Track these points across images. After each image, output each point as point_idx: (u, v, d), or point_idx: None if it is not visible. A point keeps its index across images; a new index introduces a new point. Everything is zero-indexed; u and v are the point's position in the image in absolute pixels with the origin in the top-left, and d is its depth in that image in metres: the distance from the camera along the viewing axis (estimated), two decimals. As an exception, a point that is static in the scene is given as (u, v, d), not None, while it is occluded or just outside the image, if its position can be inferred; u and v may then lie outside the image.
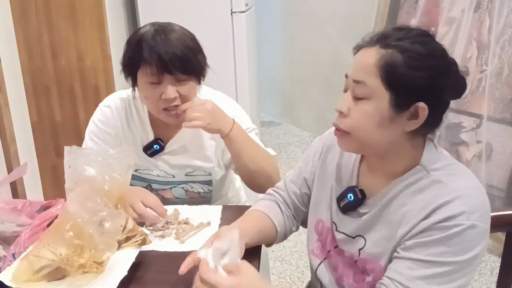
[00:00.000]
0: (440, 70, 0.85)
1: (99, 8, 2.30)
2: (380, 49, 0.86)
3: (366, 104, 0.87)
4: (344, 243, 1.01)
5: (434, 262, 0.83)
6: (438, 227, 0.84)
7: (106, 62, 2.37)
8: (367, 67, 0.86)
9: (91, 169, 1.07)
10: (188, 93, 1.28)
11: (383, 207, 0.94)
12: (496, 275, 1.12)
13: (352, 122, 0.89)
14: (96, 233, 0.95)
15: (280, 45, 4.12)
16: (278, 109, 4.32)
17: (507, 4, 2.24)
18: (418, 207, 0.87)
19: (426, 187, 0.88)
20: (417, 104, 0.85)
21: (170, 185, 1.43)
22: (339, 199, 1.02)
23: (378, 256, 0.93)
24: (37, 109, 2.40)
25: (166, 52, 1.20)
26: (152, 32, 1.24)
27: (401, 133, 0.88)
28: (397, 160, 0.92)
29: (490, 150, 2.39)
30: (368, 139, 0.89)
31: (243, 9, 2.77)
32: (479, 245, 0.84)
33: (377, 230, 0.94)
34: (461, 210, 0.83)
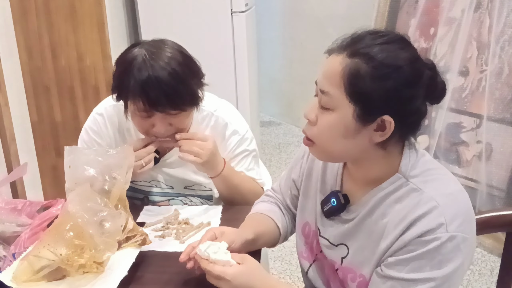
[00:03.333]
0: (407, 81, 0.81)
1: (99, 8, 2.30)
2: (346, 58, 0.82)
3: (330, 114, 0.84)
4: (327, 250, 0.99)
5: (416, 280, 0.81)
6: (417, 242, 0.81)
7: (106, 62, 2.37)
8: (332, 77, 0.83)
9: (91, 169, 1.07)
10: (182, 123, 1.24)
11: (366, 215, 0.91)
12: (496, 275, 1.12)
13: (317, 132, 0.88)
14: (96, 233, 0.95)
15: (280, 45, 4.12)
16: (278, 109, 4.31)
17: (507, 4, 2.23)
18: (397, 218, 0.85)
19: (405, 196, 0.86)
20: (383, 117, 0.81)
21: (168, 196, 1.41)
22: (323, 203, 1.00)
23: (359, 266, 0.92)
24: (37, 109, 2.40)
25: (154, 90, 1.11)
26: (140, 62, 1.13)
27: (368, 143, 0.85)
28: (373, 167, 0.90)
29: (490, 150, 2.39)
30: (332, 149, 0.88)
31: (243, 9, 2.76)
32: (460, 255, 0.81)
33: (359, 239, 0.92)
34: (439, 222, 0.80)
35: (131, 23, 2.97)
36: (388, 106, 0.81)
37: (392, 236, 0.85)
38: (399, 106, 0.81)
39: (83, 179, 1.05)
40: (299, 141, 3.85)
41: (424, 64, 0.84)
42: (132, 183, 1.36)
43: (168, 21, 2.73)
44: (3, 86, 2.05)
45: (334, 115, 0.84)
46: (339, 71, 0.82)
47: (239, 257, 0.92)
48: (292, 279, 2.26)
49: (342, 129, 0.84)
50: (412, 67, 0.81)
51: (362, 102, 0.81)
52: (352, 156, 0.89)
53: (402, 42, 0.84)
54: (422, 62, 0.84)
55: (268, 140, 3.89)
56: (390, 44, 0.82)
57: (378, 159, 0.88)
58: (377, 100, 0.80)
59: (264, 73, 3.98)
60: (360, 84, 0.80)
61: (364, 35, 0.84)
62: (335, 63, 0.83)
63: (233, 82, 2.83)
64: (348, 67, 0.81)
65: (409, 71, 0.81)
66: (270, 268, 2.30)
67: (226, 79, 2.77)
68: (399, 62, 0.80)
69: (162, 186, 1.40)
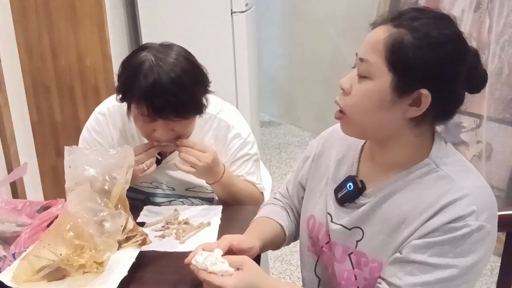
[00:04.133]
0: (451, 57, 0.80)
1: (99, 8, 2.30)
2: (391, 27, 0.82)
3: (367, 83, 0.83)
4: (339, 235, 0.96)
5: (438, 265, 0.80)
6: (446, 228, 0.80)
7: (106, 62, 2.37)
8: (374, 45, 0.82)
9: (91, 169, 1.07)
10: (184, 129, 1.24)
11: (383, 198, 0.89)
12: (496, 275, 1.12)
13: (351, 101, 0.85)
14: (96, 233, 0.95)
15: (280, 45, 4.12)
16: (278, 109, 4.31)
17: (507, 4, 2.24)
18: (423, 204, 0.83)
19: (433, 183, 0.84)
20: (420, 91, 0.80)
21: (169, 198, 1.41)
22: (336, 190, 0.98)
23: (374, 251, 0.90)
24: (37, 109, 2.40)
25: (157, 97, 1.11)
26: (147, 68, 1.13)
27: (401, 119, 0.83)
28: (400, 150, 0.88)
29: (490, 150, 2.39)
30: (364, 121, 0.85)
31: (243, 9, 2.76)
32: (484, 248, 0.81)
33: (375, 223, 0.90)
34: (471, 209, 0.79)
35: (131, 23, 2.97)
36: (427, 80, 0.80)
37: (416, 222, 0.83)
38: (437, 82, 0.80)
39: (83, 179, 1.05)
40: (299, 141, 3.86)
41: (468, 47, 0.83)
42: (134, 184, 1.37)
43: (168, 21, 2.73)
44: (3, 86, 2.05)
45: (371, 83, 0.83)
46: (382, 38, 0.81)
47: (237, 260, 0.89)
48: (292, 279, 2.26)
49: (378, 99, 0.82)
50: (456, 45, 0.81)
51: (401, 71, 0.80)
52: (383, 132, 0.86)
53: (447, 20, 0.84)
54: (467, 45, 0.83)
55: (268, 140, 3.89)
56: (436, 19, 0.82)
57: (408, 141, 0.87)
58: (417, 71, 0.79)
59: (264, 73, 3.98)
60: (402, 53, 0.79)
61: (409, 9, 0.85)
62: (379, 32, 0.83)
63: (233, 82, 2.83)
64: (393, 35, 0.80)
65: (452, 48, 0.80)
66: (270, 268, 2.30)
67: (226, 79, 2.77)
68: (443, 37, 0.80)
69: (163, 188, 1.40)
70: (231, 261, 0.89)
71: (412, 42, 0.79)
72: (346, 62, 3.58)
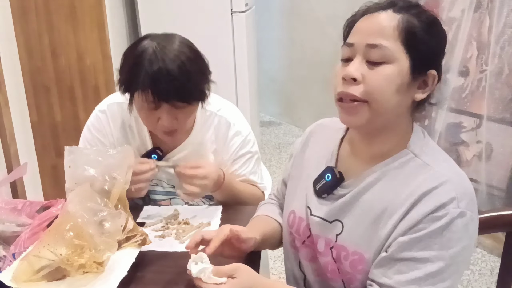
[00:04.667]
0: (445, 38, 0.87)
1: (99, 8, 2.30)
2: (395, 13, 0.84)
3: (387, 68, 0.82)
4: (319, 228, 0.96)
5: (425, 259, 0.80)
6: (429, 218, 0.80)
7: (106, 62, 2.37)
8: (385, 30, 0.83)
9: (91, 169, 1.07)
10: (187, 118, 1.24)
11: (363, 190, 0.90)
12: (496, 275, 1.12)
13: (369, 88, 0.83)
14: (96, 233, 0.95)
15: (280, 45, 4.12)
16: (278, 109, 4.32)
17: (507, 4, 2.24)
18: (403, 193, 0.84)
19: (413, 171, 0.85)
20: (430, 72, 0.85)
21: (169, 195, 1.41)
22: (315, 182, 0.98)
23: (354, 243, 0.89)
24: (37, 109, 2.40)
25: (163, 82, 1.13)
26: (150, 55, 1.14)
27: (409, 103, 0.86)
28: (388, 139, 0.89)
29: (490, 150, 2.40)
30: (385, 106, 0.84)
31: (243, 9, 2.77)
32: (468, 236, 0.81)
33: (356, 214, 0.90)
34: (451, 196, 0.80)
35: (131, 23, 2.97)
36: (435, 61, 0.86)
37: (398, 213, 0.83)
38: (439, 62, 0.86)
39: (83, 179, 1.05)
40: (299, 141, 3.86)
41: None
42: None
43: (168, 21, 2.73)
44: (3, 86, 2.05)
45: (392, 67, 0.83)
46: (394, 24, 0.83)
47: (229, 269, 0.88)
48: (292, 279, 2.26)
49: (399, 82, 0.83)
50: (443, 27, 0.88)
51: (417, 54, 0.83)
52: (393, 118, 0.87)
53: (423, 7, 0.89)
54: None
55: (268, 140, 3.89)
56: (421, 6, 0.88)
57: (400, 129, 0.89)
58: (429, 53, 0.84)
59: (264, 73, 3.98)
60: (416, 36, 0.83)
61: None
62: (383, 18, 0.84)
63: (233, 82, 2.83)
64: (403, 20, 0.83)
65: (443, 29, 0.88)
66: (270, 268, 2.30)
67: (226, 79, 2.77)
68: (438, 20, 0.87)
69: (164, 185, 1.40)
70: (223, 271, 0.88)
71: (421, 26, 0.83)
72: (346, 62, 3.58)
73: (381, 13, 0.85)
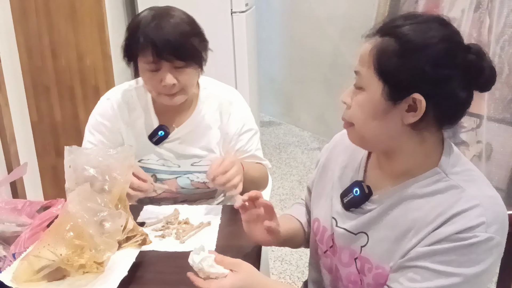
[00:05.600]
0: (436, 60, 0.79)
1: (99, 8, 2.30)
2: (378, 37, 0.84)
3: (361, 94, 0.85)
4: (344, 239, 0.97)
5: (440, 272, 0.79)
6: (454, 238, 0.79)
7: (106, 62, 2.37)
8: (363, 57, 0.85)
9: (91, 169, 1.07)
10: (187, 80, 1.29)
11: (391, 206, 0.89)
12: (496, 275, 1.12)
13: (351, 113, 0.88)
14: (97, 233, 0.95)
15: (280, 45, 4.12)
16: (278, 109, 4.31)
17: (507, 4, 2.24)
18: (432, 213, 0.82)
19: (443, 192, 0.83)
20: (413, 96, 0.80)
21: (175, 174, 1.43)
22: (342, 195, 0.98)
23: (378, 257, 0.90)
24: (37, 109, 2.40)
25: (160, 40, 1.20)
26: (149, 19, 1.24)
27: (401, 126, 0.83)
28: (406, 158, 0.87)
29: (490, 150, 2.39)
30: (365, 131, 0.87)
31: (243, 9, 2.77)
32: (490, 258, 0.79)
33: (381, 229, 0.90)
34: (481, 220, 0.78)
35: (131, 23, 2.97)
36: (417, 85, 0.80)
37: (425, 231, 0.82)
38: (429, 87, 0.80)
39: (83, 179, 1.05)
40: (299, 141, 3.86)
41: (463, 47, 0.82)
42: (140, 162, 1.41)
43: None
44: (3, 86, 2.05)
45: (365, 94, 0.85)
46: (369, 50, 0.83)
47: (232, 263, 0.89)
48: (292, 279, 2.26)
49: (372, 108, 0.84)
50: (444, 47, 0.80)
51: (389, 79, 0.81)
52: (385, 141, 0.87)
53: (436, 22, 0.83)
54: (459, 44, 0.82)
55: (268, 140, 3.89)
56: (422, 24, 0.82)
57: (413, 149, 0.86)
58: (404, 78, 0.80)
59: (264, 73, 3.98)
60: (388, 61, 0.81)
61: (398, 17, 0.85)
62: (367, 44, 0.85)
63: (233, 82, 2.83)
64: (377, 45, 0.82)
65: (439, 50, 0.79)
66: (270, 268, 2.30)
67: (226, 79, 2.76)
68: (428, 40, 0.80)
69: (169, 165, 1.42)
70: (226, 263, 0.88)
71: (396, 49, 0.80)
72: (346, 62, 3.58)
73: (369, 39, 0.85)
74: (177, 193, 1.43)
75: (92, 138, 1.40)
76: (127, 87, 1.42)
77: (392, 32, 0.82)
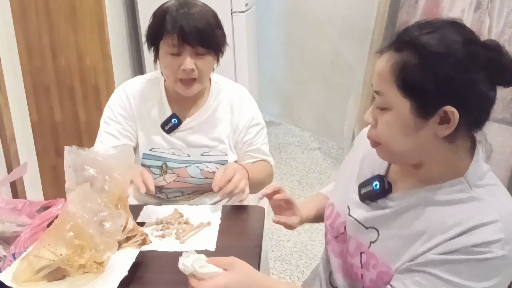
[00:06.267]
0: (460, 66, 0.76)
1: (99, 8, 2.30)
2: (394, 53, 0.80)
3: (387, 114, 0.82)
4: (354, 230, 0.96)
5: (448, 281, 0.77)
6: (469, 250, 0.77)
7: (106, 62, 2.37)
8: (382, 76, 0.81)
9: (91, 169, 1.07)
10: (205, 67, 1.34)
11: (408, 207, 0.87)
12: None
13: (378, 133, 0.85)
14: (97, 233, 0.95)
15: (280, 45, 4.12)
16: (278, 109, 4.31)
17: (507, 4, 2.23)
18: (449, 221, 0.80)
19: (464, 202, 0.81)
20: (444, 109, 0.76)
21: (185, 163, 1.45)
22: (361, 186, 0.97)
23: (385, 255, 0.89)
24: (37, 109, 2.40)
25: (188, 25, 1.27)
26: (177, 6, 1.31)
27: (434, 139, 0.80)
28: (434, 167, 0.85)
29: (490, 150, 2.39)
30: (396, 150, 0.84)
31: (243, 9, 2.77)
32: (499, 276, 0.77)
33: (393, 228, 0.89)
34: (499, 237, 0.76)
35: (131, 23, 2.97)
36: (446, 96, 0.76)
37: (439, 238, 0.80)
38: (458, 94, 0.76)
39: (83, 179, 1.05)
40: (299, 141, 3.85)
41: (482, 46, 0.78)
42: (151, 151, 1.45)
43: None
44: (3, 86, 2.05)
45: (391, 113, 0.81)
46: (388, 68, 0.80)
47: (225, 262, 0.88)
48: (292, 279, 2.26)
49: (401, 127, 0.81)
50: (465, 51, 0.76)
51: (416, 95, 0.78)
52: (419, 155, 0.84)
53: (451, 27, 0.80)
54: (479, 44, 0.79)
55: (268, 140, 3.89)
56: (438, 31, 0.78)
57: (444, 159, 0.83)
58: (432, 91, 0.76)
59: (264, 73, 3.98)
60: (411, 76, 0.77)
61: (410, 27, 0.82)
62: (384, 61, 0.82)
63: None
64: (396, 61, 0.79)
65: (461, 56, 0.76)
66: (270, 268, 2.30)
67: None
68: (448, 47, 0.76)
69: (180, 154, 1.45)
70: (219, 262, 0.87)
71: (417, 63, 0.77)
72: (346, 62, 3.58)
73: (384, 55, 0.82)
74: (186, 183, 1.45)
75: (108, 129, 1.43)
76: (141, 79, 1.48)
77: (410, 45, 0.78)
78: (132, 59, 3.02)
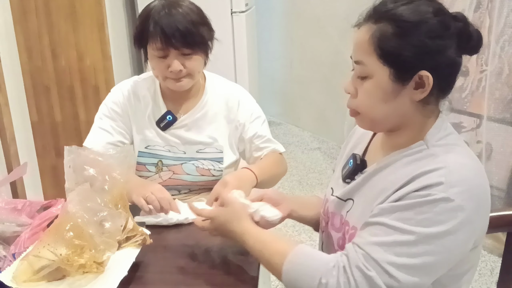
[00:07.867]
0: (433, 33, 0.83)
1: (99, 8, 2.30)
2: (372, 24, 0.86)
3: (368, 82, 0.88)
4: (335, 206, 1.02)
5: (396, 228, 0.81)
6: (412, 196, 0.82)
7: (106, 62, 2.37)
8: (362, 46, 0.87)
9: (91, 169, 1.07)
10: (194, 67, 1.34)
11: (373, 172, 0.94)
12: (496, 275, 1.13)
13: (358, 102, 0.90)
14: (96, 233, 0.95)
15: (280, 45, 4.12)
16: (278, 109, 4.31)
17: (507, 4, 2.23)
18: (403, 176, 0.85)
19: (420, 159, 0.87)
20: (420, 73, 0.83)
21: (181, 161, 1.45)
22: (343, 168, 1.04)
23: (357, 219, 0.93)
24: (37, 109, 2.40)
25: (170, 27, 1.26)
26: (160, 8, 1.30)
27: (410, 104, 0.87)
28: (406, 132, 0.91)
29: (490, 150, 2.39)
30: (375, 115, 0.90)
31: (243, 9, 2.77)
32: (452, 221, 0.79)
33: (364, 194, 0.95)
34: (439, 180, 0.80)
35: (131, 23, 2.97)
36: (421, 61, 0.83)
37: (390, 190, 0.86)
38: (432, 60, 0.84)
39: (83, 179, 1.05)
40: (299, 141, 3.86)
41: (451, 16, 0.86)
42: (147, 148, 1.45)
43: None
44: (3, 86, 2.05)
45: (372, 81, 0.87)
46: (367, 38, 0.86)
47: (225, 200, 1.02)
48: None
49: (381, 93, 0.87)
50: (438, 20, 0.84)
51: (395, 62, 0.84)
52: (394, 120, 0.90)
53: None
54: (449, 15, 0.86)
55: (268, 140, 3.89)
56: (412, 3, 0.85)
57: (413, 123, 0.90)
58: (408, 57, 0.83)
59: (264, 73, 3.98)
60: (389, 45, 0.84)
61: (386, 1, 0.88)
62: (362, 33, 0.88)
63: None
64: (375, 32, 0.85)
65: (433, 24, 0.83)
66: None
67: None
68: (422, 16, 0.83)
69: (175, 151, 1.45)
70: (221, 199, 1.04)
71: (394, 32, 0.84)
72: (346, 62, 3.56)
73: (363, 27, 0.88)
74: (182, 181, 1.45)
75: (102, 124, 1.43)
76: (136, 79, 1.49)
77: (387, 16, 0.85)
78: (132, 59, 3.02)
